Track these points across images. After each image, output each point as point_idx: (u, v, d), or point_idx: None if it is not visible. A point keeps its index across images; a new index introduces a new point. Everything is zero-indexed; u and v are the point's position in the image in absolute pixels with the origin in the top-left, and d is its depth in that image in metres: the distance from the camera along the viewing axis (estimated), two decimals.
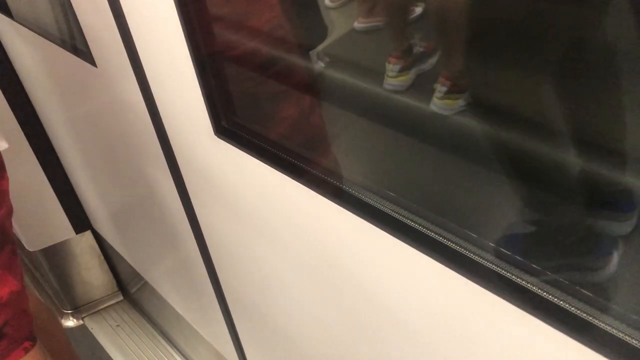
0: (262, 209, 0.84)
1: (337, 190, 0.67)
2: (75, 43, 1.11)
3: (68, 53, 1.15)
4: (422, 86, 0.59)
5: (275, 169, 0.74)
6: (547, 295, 0.49)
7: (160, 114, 0.95)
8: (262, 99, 0.86)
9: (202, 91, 0.78)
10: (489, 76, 0.53)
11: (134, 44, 0.87)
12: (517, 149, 0.53)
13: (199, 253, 1.17)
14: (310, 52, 0.73)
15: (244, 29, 0.78)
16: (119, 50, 0.91)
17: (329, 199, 0.67)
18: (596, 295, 0.47)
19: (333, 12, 0.66)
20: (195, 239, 1.14)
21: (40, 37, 1.23)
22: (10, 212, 1.05)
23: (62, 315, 2.13)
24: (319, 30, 0.69)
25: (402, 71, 0.61)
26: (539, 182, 0.53)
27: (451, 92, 0.55)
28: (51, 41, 1.20)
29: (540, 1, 0.45)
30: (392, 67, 0.61)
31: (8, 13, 1.34)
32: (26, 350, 1.06)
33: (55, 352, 1.25)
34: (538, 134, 0.51)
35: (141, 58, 0.89)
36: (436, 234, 0.57)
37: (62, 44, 1.17)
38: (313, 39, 0.72)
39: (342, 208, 0.66)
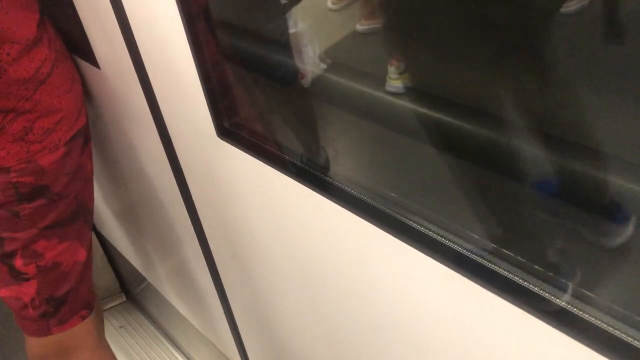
0: (265, 210, 0.85)
1: (339, 191, 0.67)
2: (78, 45, 1.11)
3: (71, 55, 1.16)
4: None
5: (278, 170, 0.74)
6: (550, 296, 0.49)
7: (163, 115, 0.96)
8: (263, 100, 0.86)
9: (204, 92, 0.78)
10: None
11: (137, 46, 0.88)
12: (517, 148, 0.53)
13: (201, 254, 1.17)
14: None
15: (245, 32, 0.78)
16: (122, 52, 0.92)
17: (331, 199, 0.68)
18: (602, 297, 0.47)
19: (335, 14, 0.66)
20: (198, 240, 1.14)
21: None
22: (92, 188, 1.12)
23: None
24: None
25: (403, 73, 0.61)
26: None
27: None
28: None
29: None
30: (394, 69, 0.61)
31: None
32: (82, 318, 1.12)
33: None
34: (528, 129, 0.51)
35: (144, 60, 0.89)
36: (440, 235, 0.57)
37: (66, 45, 1.17)
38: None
39: (343, 209, 0.66)
